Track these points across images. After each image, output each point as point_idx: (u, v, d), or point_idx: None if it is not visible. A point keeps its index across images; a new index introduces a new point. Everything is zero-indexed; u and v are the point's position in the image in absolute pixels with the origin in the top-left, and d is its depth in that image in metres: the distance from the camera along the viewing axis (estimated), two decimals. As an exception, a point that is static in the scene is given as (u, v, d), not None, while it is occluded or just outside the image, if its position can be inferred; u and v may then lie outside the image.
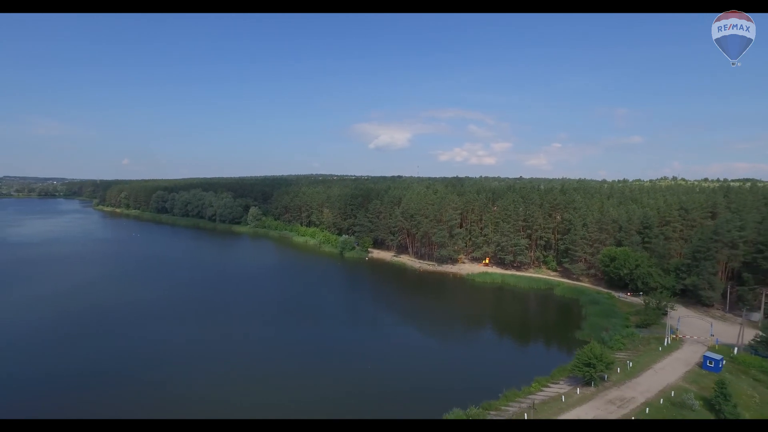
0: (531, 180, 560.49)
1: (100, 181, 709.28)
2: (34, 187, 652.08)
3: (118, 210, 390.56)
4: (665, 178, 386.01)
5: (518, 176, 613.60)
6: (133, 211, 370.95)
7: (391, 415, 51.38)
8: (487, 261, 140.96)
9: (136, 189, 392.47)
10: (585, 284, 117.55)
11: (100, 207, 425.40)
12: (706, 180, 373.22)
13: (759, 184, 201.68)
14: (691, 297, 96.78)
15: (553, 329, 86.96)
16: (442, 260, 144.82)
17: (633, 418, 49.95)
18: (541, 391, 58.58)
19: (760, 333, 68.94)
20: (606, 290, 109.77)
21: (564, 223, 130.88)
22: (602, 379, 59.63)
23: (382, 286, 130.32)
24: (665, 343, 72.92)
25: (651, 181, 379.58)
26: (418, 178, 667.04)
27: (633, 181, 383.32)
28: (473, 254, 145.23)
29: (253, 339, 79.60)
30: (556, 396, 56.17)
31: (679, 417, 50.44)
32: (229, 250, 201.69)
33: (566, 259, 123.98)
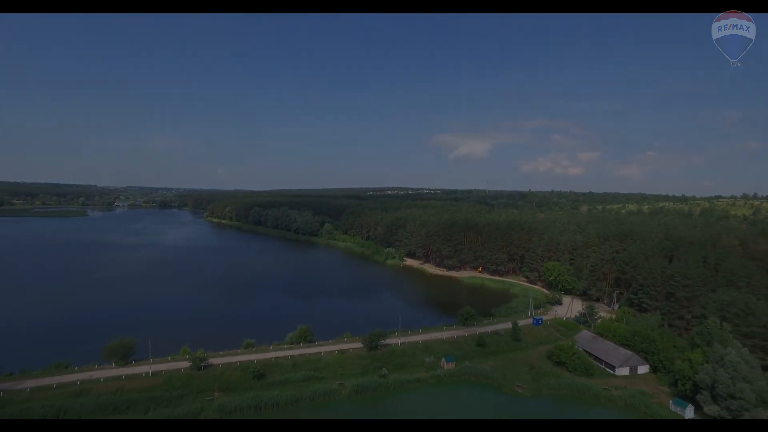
0: (603, 195, 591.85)
1: (206, 193, 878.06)
2: (156, 198, 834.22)
3: (224, 221, 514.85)
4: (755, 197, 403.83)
5: (588, 191, 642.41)
6: (235, 222, 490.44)
7: (371, 326, 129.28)
8: (480, 269, 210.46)
9: (238, 204, 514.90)
10: (536, 287, 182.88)
11: (210, 218, 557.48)
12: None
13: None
14: (588, 295, 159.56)
15: (483, 307, 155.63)
16: (450, 268, 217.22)
17: (466, 334, 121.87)
18: (441, 328, 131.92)
19: (581, 310, 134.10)
20: (545, 290, 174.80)
21: (531, 243, 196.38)
22: (472, 324, 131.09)
23: (404, 283, 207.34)
24: (528, 314, 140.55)
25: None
26: (489, 191, 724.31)
27: (741, 197, 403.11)
28: (472, 264, 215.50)
29: (331, 306, 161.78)
30: (441, 328, 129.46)
31: (490, 340, 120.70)
32: (311, 255, 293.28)
33: (526, 269, 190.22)
